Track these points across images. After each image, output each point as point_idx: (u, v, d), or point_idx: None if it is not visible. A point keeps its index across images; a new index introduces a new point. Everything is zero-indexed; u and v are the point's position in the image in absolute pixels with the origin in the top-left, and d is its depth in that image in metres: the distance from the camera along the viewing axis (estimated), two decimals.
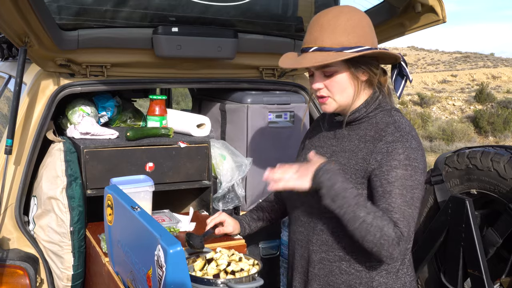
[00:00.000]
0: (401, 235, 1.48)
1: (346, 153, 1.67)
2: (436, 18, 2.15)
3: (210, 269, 1.63)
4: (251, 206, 2.65)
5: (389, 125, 1.62)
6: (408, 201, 1.51)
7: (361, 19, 1.61)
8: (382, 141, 1.59)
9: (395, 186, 1.52)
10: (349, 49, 1.57)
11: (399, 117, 1.67)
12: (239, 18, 2.38)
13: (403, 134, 1.59)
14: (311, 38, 1.62)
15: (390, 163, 1.55)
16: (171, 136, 2.46)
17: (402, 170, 1.53)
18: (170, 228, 2.12)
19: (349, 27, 1.58)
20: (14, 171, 2.16)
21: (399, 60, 1.67)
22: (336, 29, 1.58)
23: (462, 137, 17.64)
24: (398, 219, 1.49)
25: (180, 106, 16.25)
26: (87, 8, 2.11)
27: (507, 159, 2.25)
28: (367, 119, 1.68)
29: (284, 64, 1.70)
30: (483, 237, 2.30)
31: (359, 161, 1.62)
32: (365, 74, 1.64)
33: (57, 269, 2.13)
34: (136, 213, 1.48)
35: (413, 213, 1.53)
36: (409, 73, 1.68)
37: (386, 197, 1.52)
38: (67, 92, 2.28)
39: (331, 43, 1.58)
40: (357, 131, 1.69)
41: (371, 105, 1.68)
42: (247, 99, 2.57)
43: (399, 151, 1.55)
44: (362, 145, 1.64)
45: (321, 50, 1.59)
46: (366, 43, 1.59)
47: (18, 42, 1.98)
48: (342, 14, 1.60)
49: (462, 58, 58.02)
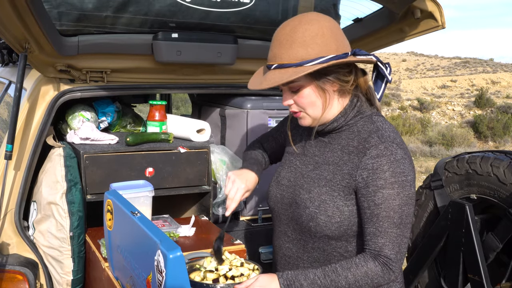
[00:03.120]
0: (388, 260, 1.51)
1: (330, 166, 1.63)
2: (435, 24, 2.15)
3: (210, 274, 1.63)
4: (251, 211, 2.66)
5: (372, 134, 1.58)
6: (395, 222, 1.51)
7: (321, 27, 1.51)
8: (367, 155, 1.54)
9: (382, 208, 1.51)
10: (308, 62, 1.50)
11: (381, 123, 1.62)
12: (239, 24, 2.38)
13: (387, 145, 1.54)
14: (271, 55, 1.57)
15: (376, 183, 1.51)
16: (171, 141, 2.46)
17: (388, 190, 1.51)
18: (170, 233, 2.12)
19: (307, 38, 1.50)
20: (14, 176, 2.16)
21: (373, 62, 1.59)
22: (293, 43, 1.50)
23: (461, 142, 17.64)
24: (383, 244, 1.51)
25: (180, 111, 16.28)
26: (87, 14, 2.11)
27: (507, 164, 2.26)
28: (347, 127, 1.64)
29: (250, 86, 1.64)
30: (483, 242, 2.30)
31: (345, 176, 1.58)
32: (334, 85, 1.58)
33: (56, 274, 2.13)
34: (136, 218, 1.48)
35: (403, 231, 1.52)
36: (387, 74, 1.59)
37: (373, 220, 1.52)
38: (67, 97, 2.29)
39: (289, 58, 1.51)
40: (338, 140, 1.65)
41: (350, 113, 1.63)
42: (247, 105, 2.57)
43: (384, 168, 1.51)
44: (346, 157, 1.60)
45: (280, 67, 1.53)
46: (329, 52, 1.51)
47: (18, 48, 1.99)
48: (300, 26, 1.52)
49: (461, 63, 58.09)
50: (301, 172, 1.71)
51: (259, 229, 2.62)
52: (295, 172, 1.73)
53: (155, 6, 2.19)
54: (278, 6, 2.43)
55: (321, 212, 1.59)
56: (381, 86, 1.61)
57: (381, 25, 2.29)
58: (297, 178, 1.71)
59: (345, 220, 1.58)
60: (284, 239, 1.75)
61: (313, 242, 1.65)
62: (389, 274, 1.52)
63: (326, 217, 1.58)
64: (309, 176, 1.67)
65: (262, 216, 2.67)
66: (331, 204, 1.58)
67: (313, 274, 1.52)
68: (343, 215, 1.58)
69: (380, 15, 2.28)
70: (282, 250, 1.77)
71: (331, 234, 1.60)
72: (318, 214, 1.59)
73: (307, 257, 1.68)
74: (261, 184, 2.68)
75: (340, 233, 1.59)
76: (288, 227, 1.73)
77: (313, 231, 1.61)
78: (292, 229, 1.71)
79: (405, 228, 1.53)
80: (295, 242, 1.71)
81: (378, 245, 1.51)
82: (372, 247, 1.52)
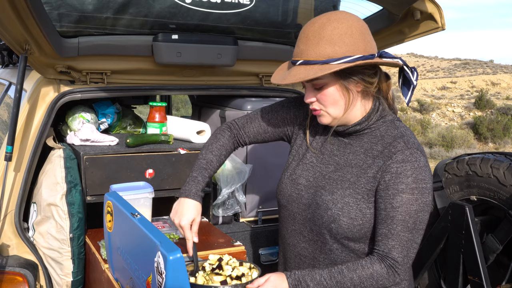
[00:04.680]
0: (395, 263, 1.51)
1: (354, 169, 1.62)
2: (435, 25, 2.16)
3: (216, 276, 1.62)
4: (251, 213, 2.66)
5: (397, 139, 1.58)
6: (409, 226, 1.52)
7: (350, 26, 1.50)
8: (392, 159, 1.55)
9: (399, 212, 1.51)
10: (335, 61, 1.48)
11: (404, 128, 1.63)
12: (239, 25, 2.38)
13: (413, 151, 1.54)
14: (298, 51, 1.56)
15: (397, 187, 1.52)
16: (171, 142, 2.46)
17: (408, 195, 1.51)
18: (170, 235, 2.12)
19: (335, 36, 1.48)
20: (14, 178, 2.17)
21: (399, 66, 1.59)
22: (321, 40, 1.49)
23: (461, 144, 17.64)
24: (393, 246, 1.51)
25: (180, 112, 16.26)
26: (87, 16, 2.11)
27: (507, 166, 2.26)
28: (370, 131, 1.63)
29: (273, 80, 1.63)
30: (483, 244, 2.30)
31: (370, 180, 1.58)
32: (358, 85, 1.56)
33: (56, 275, 2.13)
34: (135, 220, 1.48)
35: (414, 236, 1.53)
36: (413, 79, 1.59)
37: (388, 222, 1.52)
38: (67, 99, 2.29)
39: (316, 55, 1.50)
40: (361, 143, 1.64)
41: (373, 117, 1.62)
42: (247, 106, 2.58)
43: (407, 173, 1.52)
44: (370, 161, 1.59)
45: (306, 64, 1.52)
46: (356, 51, 1.49)
47: (18, 49, 1.99)
48: (329, 23, 1.50)
49: (461, 64, 58.11)
50: (321, 172, 1.69)
51: (259, 231, 2.62)
52: (313, 171, 1.70)
53: (155, 8, 2.19)
54: (278, 8, 2.43)
55: (344, 214, 1.59)
56: (407, 91, 1.61)
57: (381, 26, 2.29)
58: (318, 178, 1.69)
59: (366, 222, 1.58)
60: (299, 238, 1.74)
61: (331, 243, 1.65)
62: (394, 277, 1.52)
63: (349, 219, 1.58)
64: (330, 178, 1.66)
65: (262, 217, 2.66)
66: (355, 206, 1.58)
67: (319, 275, 1.52)
68: (365, 218, 1.58)
69: (380, 16, 2.28)
70: (297, 249, 1.76)
71: (351, 236, 1.60)
72: (341, 216, 1.59)
73: (324, 258, 1.68)
74: (261, 184, 2.68)
75: (360, 235, 1.60)
76: (304, 227, 1.71)
77: (334, 233, 1.61)
78: (309, 229, 1.70)
79: (417, 234, 1.54)
80: (312, 243, 1.70)
81: (387, 246, 1.52)
82: (382, 248, 1.53)
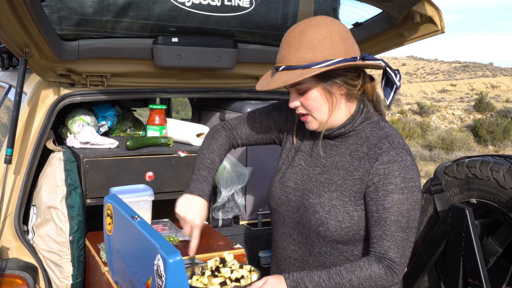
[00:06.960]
0: (392, 263, 1.52)
1: (340, 171, 1.63)
2: (435, 28, 2.16)
3: (215, 279, 1.62)
4: (251, 216, 2.66)
5: (382, 140, 1.59)
6: (403, 226, 1.53)
7: (330, 31, 1.52)
8: (378, 161, 1.56)
9: (391, 212, 1.53)
10: (316, 65, 1.50)
11: (389, 129, 1.64)
12: (238, 28, 2.39)
13: (398, 151, 1.56)
14: (280, 57, 1.57)
15: (387, 187, 1.53)
16: (170, 145, 2.46)
17: (398, 195, 1.53)
18: (170, 238, 2.12)
19: (315, 41, 1.50)
20: (14, 180, 2.17)
21: (382, 67, 1.59)
22: (301, 45, 1.51)
23: (461, 146, 17.63)
24: (389, 247, 1.53)
25: (180, 115, 16.26)
26: (87, 19, 2.12)
27: (507, 169, 2.26)
28: (355, 133, 1.64)
29: (258, 87, 1.64)
30: (483, 247, 2.30)
31: (356, 182, 1.59)
32: (342, 88, 1.57)
33: (56, 278, 2.13)
34: (135, 223, 1.48)
35: (408, 236, 1.55)
36: (397, 80, 1.59)
37: (381, 224, 1.54)
38: (67, 101, 2.29)
39: (297, 60, 1.52)
40: (346, 145, 1.65)
41: (357, 119, 1.63)
42: (246, 109, 2.58)
43: (395, 173, 1.54)
44: (356, 163, 1.61)
45: (288, 69, 1.54)
46: (337, 55, 1.51)
47: (18, 52, 1.99)
48: (309, 28, 1.52)
49: (461, 67, 58.16)
50: (308, 174, 1.70)
51: (259, 234, 2.62)
52: (301, 174, 1.72)
53: (155, 11, 2.19)
54: (278, 11, 2.44)
55: (331, 217, 1.59)
56: (390, 92, 1.62)
57: (381, 29, 2.30)
58: (305, 181, 1.70)
59: (354, 225, 1.59)
60: (289, 241, 1.74)
61: (320, 246, 1.65)
62: (393, 277, 1.53)
63: (336, 222, 1.59)
64: (317, 180, 1.67)
65: (262, 220, 2.66)
66: (342, 209, 1.59)
67: (318, 277, 1.53)
68: (352, 220, 1.59)
69: (379, 19, 2.29)
70: (286, 252, 1.77)
71: (340, 238, 1.61)
72: (329, 219, 1.60)
73: (313, 260, 1.68)
74: (261, 187, 2.68)
75: (348, 237, 1.61)
76: (293, 230, 1.72)
77: (322, 236, 1.62)
78: (298, 232, 1.71)
79: (410, 233, 1.55)
80: (301, 246, 1.71)
81: (383, 248, 1.53)
82: (378, 250, 1.54)
